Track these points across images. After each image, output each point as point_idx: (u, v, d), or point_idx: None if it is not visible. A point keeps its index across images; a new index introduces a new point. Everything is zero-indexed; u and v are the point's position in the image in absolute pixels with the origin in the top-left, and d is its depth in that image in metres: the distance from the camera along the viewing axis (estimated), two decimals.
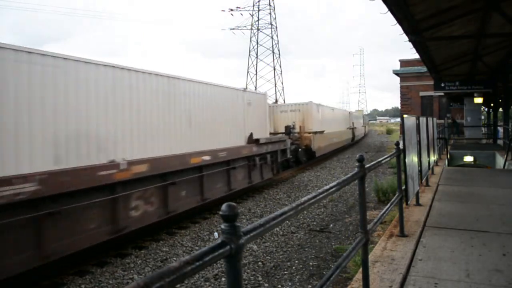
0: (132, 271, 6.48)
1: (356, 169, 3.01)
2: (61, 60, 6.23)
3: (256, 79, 51.74)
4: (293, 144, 17.37)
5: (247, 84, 50.96)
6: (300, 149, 18.37)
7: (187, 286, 5.76)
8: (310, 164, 19.99)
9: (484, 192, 7.43)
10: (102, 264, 6.72)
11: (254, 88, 49.82)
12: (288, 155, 15.51)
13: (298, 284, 5.84)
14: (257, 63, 52.05)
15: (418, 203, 6.37)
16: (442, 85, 18.69)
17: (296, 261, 6.72)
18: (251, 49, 52.31)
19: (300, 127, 19.23)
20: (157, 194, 8.07)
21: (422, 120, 7.65)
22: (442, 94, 23.31)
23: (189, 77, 9.67)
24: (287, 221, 7.66)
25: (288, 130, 18.24)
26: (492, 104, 22.73)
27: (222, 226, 1.34)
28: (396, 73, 28.35)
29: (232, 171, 11.03)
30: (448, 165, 13.38)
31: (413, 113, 25.90)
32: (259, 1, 51.61)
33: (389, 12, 7.69)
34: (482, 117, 29.01)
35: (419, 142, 6.71)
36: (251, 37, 52.83)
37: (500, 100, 20.15)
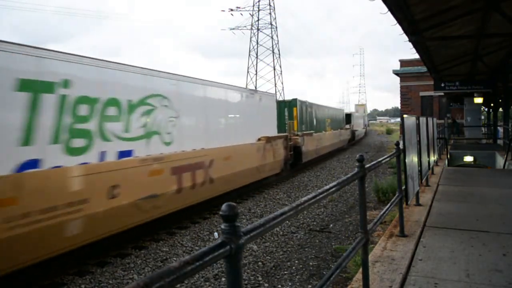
0: (132, 271, 6.48)
1: (356, 169, 3.01)
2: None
3: (256, 79, 51.77)
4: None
5: (247, 84, 50.96)
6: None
7: (187, 286, 5.76)
8: (310, 164, 20.04)
9: (484, 192, 7.43)
10: (102, 264, 6.72)
11: (254, 88, 49.81)
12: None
13: (298, 284, 5.84)
14: (257, 63, 52.09)
15: (418, 203, 6.37)
16: (442, 85, 18.68)
17: (296, 261, 6.72)
18: (251, 49, 52.35)
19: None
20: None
21: (422, 120, 7.64)
22: (442, 94, 23.31)
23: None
24: (287, 221, 7.65)
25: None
26: (492, 104, 22.74)
27: (222, 226, 1.34)
28: (396, 73, 28.35)
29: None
30: (448, 165, 13.38)
31: (413, 113, 25.90)
32: (259, 1, 51.64)
33: (389, 12, 7.69)
34: (482, 117, 29.00)
35: (419, 142, 6.70)
36: (251, 37, 52.87)
37: (500, 100, 20.15)
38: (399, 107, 29.95)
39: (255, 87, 50.01)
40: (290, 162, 16.33)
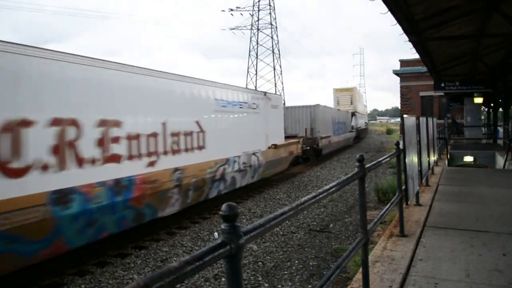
0: (132, 271, 6.48)
1: (356, 169, 3.01)
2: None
3: (256, 79, 51.74)
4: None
5: (247, 84, 50.96)
6: None
7: (187, 286, 5.76)
8: (310, 164, 20.04)
9: (484, 192, 7.43)
10: (102, 264, 6.72)
11: (254, 88, 49.79)
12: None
13: (298, 284, 5.84)
14: (257, 63, 52.04)
15: (418, 203, 6.37)
16: (442, 85, 18.69)
17: (296, 261, 6.72)
18: (251, 49, 52.29)
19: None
20: None
21: (422, 120, 7.65)
22: (442, 94, 23.32)
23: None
24: (287, 221, 7.66)
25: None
26: (492, 104, 22.74)
27: (222, 226, 1.34)
28: (396, 73, 28.37)
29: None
30: (448, 165, 13.38)
31: (413, 113, 25.91)
32: (259, 1, 51.60)
33: (389, 12, 7.69)
34: (482, 117, 29.02)
35: (419, 142, 6.71)
36: (251, 37, 52.84)
37: (500, 100, 20.16)
38: (399, 107, 29.97)
39: (255, 88, 50.00)
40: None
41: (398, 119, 61.56)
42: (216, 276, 6.04)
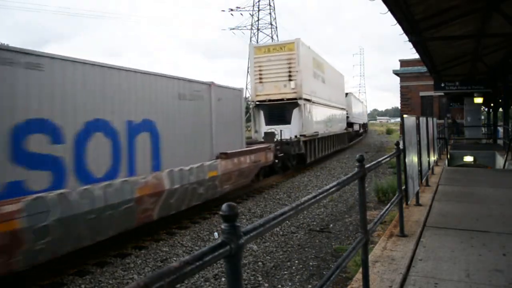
0: (132, 271, 6.48)
1: (356, 169, 3.01)
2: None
3: None
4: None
5: (247, 84, 50.94)
6: None
7: (187, 286, 5.76)
8: (310, 164, 20.04)
9: (484, 192, 7.43)
10: (102, 264, 6.72)
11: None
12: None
13: (298, 284, 5.84)
14: None
15: (418, 203, 6.38)
16: (442, 85, 18.71)
17: (296, 261, 6.72)
18: None
19: None
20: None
21: (422, 120, 7.65)
22: (442, 94, 23.33)
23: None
24: (287, 221, 7.66)
25: None
26: (492, 104, 22.76)
27: (222, 226, 1.34)
28: (396, 73, 28.38)
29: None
30: (448, 165, 13.38)
31: (413, 113, 25.92)
32: (259, 1, 51.67)
33: (389, 12, 7.70)
34: (482, 117, 29.03)
35: (419, 142, 6.71)
36: (251, 37, 52.85)
37: (500, 100, 20.18)
38: (399, 107, 29.99)
39: None
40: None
41: (398, 119, 61.29)
42: (216, 276, 6.04)
